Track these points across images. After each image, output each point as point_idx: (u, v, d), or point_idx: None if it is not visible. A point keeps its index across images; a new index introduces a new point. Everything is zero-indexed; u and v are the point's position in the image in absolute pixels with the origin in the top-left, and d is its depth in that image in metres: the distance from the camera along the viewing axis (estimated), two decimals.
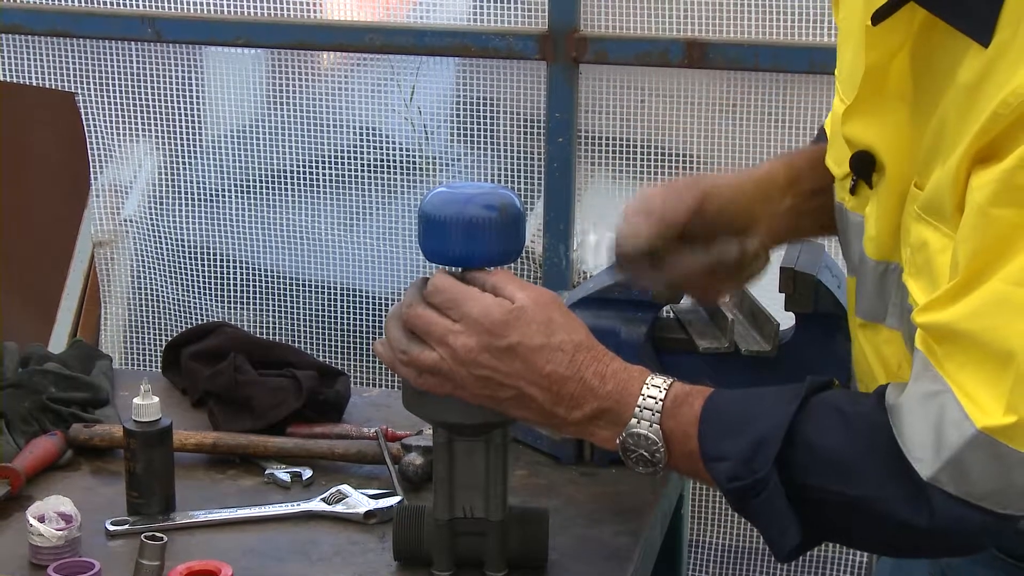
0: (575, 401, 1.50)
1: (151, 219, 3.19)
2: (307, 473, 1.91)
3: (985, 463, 1.32)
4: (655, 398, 1.49)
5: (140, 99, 3.11)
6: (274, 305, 3.17)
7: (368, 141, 3.04)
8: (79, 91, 3.12)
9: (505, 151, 2.97)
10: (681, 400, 1.49)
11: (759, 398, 1.48)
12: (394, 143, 3.03)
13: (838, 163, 1.56)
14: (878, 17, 1.38)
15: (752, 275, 1.75)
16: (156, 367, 2.98)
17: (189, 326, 3.02)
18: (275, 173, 3.11)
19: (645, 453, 1.49)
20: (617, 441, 1.50)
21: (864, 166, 1.48)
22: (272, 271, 3.16)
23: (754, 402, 1.48)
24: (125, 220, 3.21)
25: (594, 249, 2.96)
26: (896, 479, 1.37)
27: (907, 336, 1.47)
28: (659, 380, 1.50)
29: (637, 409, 1.48)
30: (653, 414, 1.48)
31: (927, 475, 1.35)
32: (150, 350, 3.26)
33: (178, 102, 3.11)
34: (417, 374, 1.54)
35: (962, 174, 1.31)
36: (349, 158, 3.05)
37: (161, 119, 3.13)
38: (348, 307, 3.14)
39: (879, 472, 1.39)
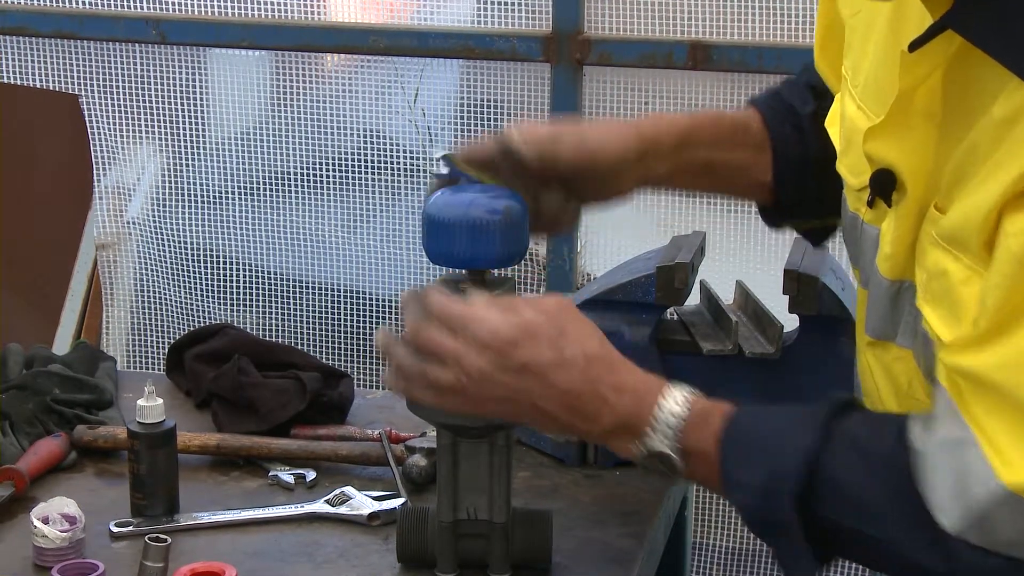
0: (593, 415, 1.49)
1: (155, 221, 3.19)
2: (311, 475, 1.91)
3: (1011, 518, 1.31)
4: (675, 415, 1.47)
5: (144, 101, 3.11)
6: (278, 307, 3.17)
7: (372, 143, 3.04)
8: (83, 93, 3.12)
9: None
10: (701, 418, 1.47)
11: (780, 423, 1.47)
12: (398, 145, 3.03)
13: (855, 173, 1.54)
14: (916, 44, 1.37)
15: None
16: (160, 369, 2.98)
17: (193, 328, 3.02)
18: (279, 175, 3.11)
19: (663, 467, 1.48)
20: (635, 453, 1.49)
21: (885, 185, 1.46)
22: (276, 273, 3.16)
23: (775, 427, 1.46)
24: (129, 222, 3.22)
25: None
26: (917, 526, 1.36)
27: (919, 355, 1.47)
28: (678, 395, 1.48)
29: (655, 423, 1.47)
30: (672, 432, 1.47)
31: (950, 526, 1.34)
32: (154, 352, 3.26)
33: (182, 104, 3.11)
34: (437, 394, 1.52)
35: (995, 213, 1.30)
36: (353, 160, 3.05)
37: (165, 121, 3.13)
38: (352, 309, 3.14)
39: (900, 517, 1.38)
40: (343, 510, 1.81)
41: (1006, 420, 1.30)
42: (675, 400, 1.48)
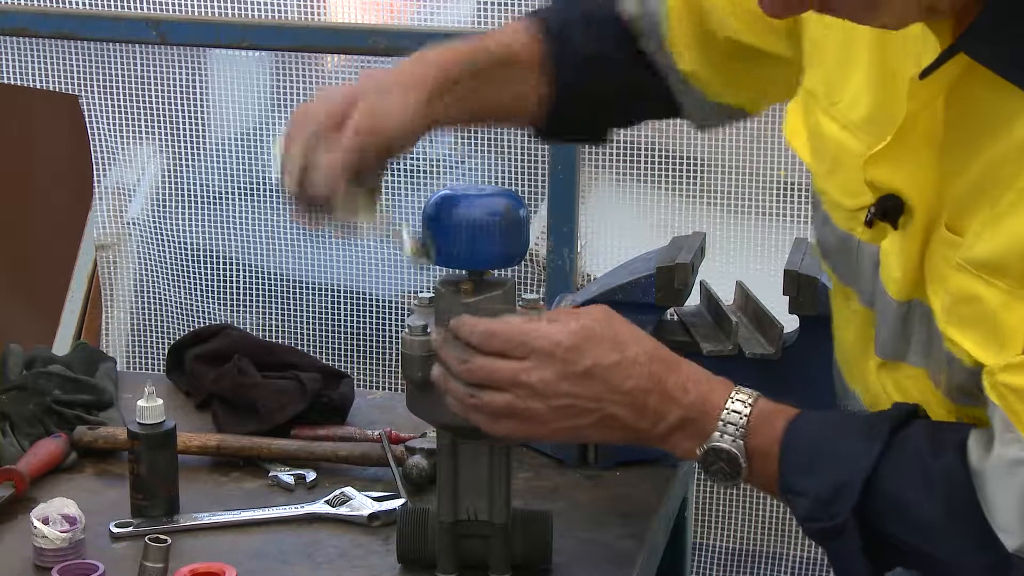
0: (658, 413, 1.49)
1: (155, 221, 3.19)
2: (311, 475, 1.91)
3: None
4: (740, 413, 1.47)
5: (144, 102, 3.11)
6: (278, 307, 3.17)
7: None
8: (83, 94, 3.12)
9: (509, 154, 2.97)
10: (765, 418, 1.47)
11: (842, 431, 1.46)
12: None
13: (850, 195, 1.53)
14: (928, 71, 1.36)
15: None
16: (160, 369, 2.98)
17: (193, 328, 3.02)
18: (280, 176, 3.11)
19: (726, 467, 1.48)
20: (698, 452, 1.48)
21: (894, 210, 1.45)
22: (276, 273, 3.16)
23: (837, 435, 1.46)
24: (129, 222, 3.22)
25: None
26: (978, 547, 1.36)
27: (936, 374, 1.46)
28: (743, 395, 1.49)
29: (720, 423, 1.47)
30: (737, 429, 1.47)
31: (1013, 547, 1.34)
32: (154, 352, 3.26)
33: (182, 104, 3.11)
34: (492, 420, 1.51)
35: None
36: None
37: (165, 121, 3.13)
38: (352, 309, 3.14)
39: (960, 537, 1.38)
40: (343, 511, 1.81)
41: None
42: (738, 398, 1.48)
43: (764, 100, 1.80)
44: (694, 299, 2.05)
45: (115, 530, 1.77)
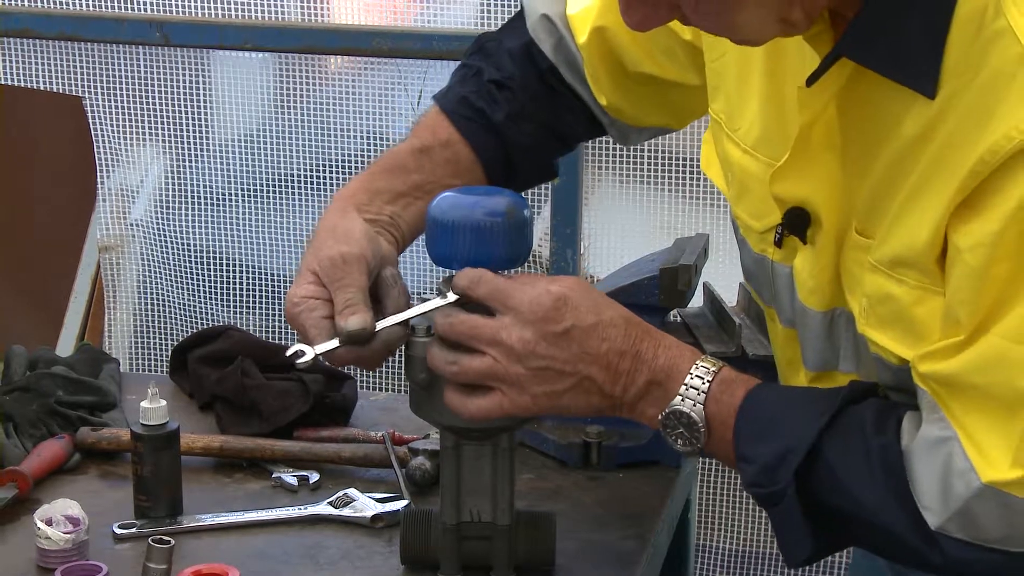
0: (630, 376, 1.50)
1: (158, 223, 3.19)
2: (314, 477, 1.91)
3: (993, 512, 1.34)
4: (702, 378, 1.49)
5: (148, 103, 3.12)
6: (281, 309, 3.17)
7: (375, 145, 3.04)
8: (87, 95, 3.12)
9: None
10: (727, 386, 1.49)
11: (795, 403, 1.49)
12: None
13: (757, 217, 1.56)
14: (813, 78, 1.39)
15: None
16: (163, 371, 2.98)
17: (196, 330, 3.02)
18: (282, 177, 3.11)
19: (685, 432, 1.49)
20: (659, 417, 1.50)
21: (799, 222, 1.48)
22: (279, 275, 3.16)
23: (790, 406, 1.49)
24: (132, 224, 3.22)
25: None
26: (910, 521, 1.39)
27: (868, 377, 1.49)
28: (709, 362, 1.51)
29: (683, 387, 1.49)
30: (699, 394, 1.49)
31: (935, 524, 1.37)
32: (157, 354, 3.26)
33: (186, 106, 3.11)
34: (471, 392, 1.52)
35: (941, 231, 1.34)
36: (356, 162, 3.05)
37: (169, 123, 3.13)
38: None
39: (894, 511, 1.40)
40: (346, 512, 1.81)
41: (985, 416, 1.34)
42: (702, 365, 1.50)
43: (689, 116, 1.84)
44: (697, 300, 2.05)
45: (118, 531, 1.77)
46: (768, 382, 1.54)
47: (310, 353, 1.55)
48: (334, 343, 1.55)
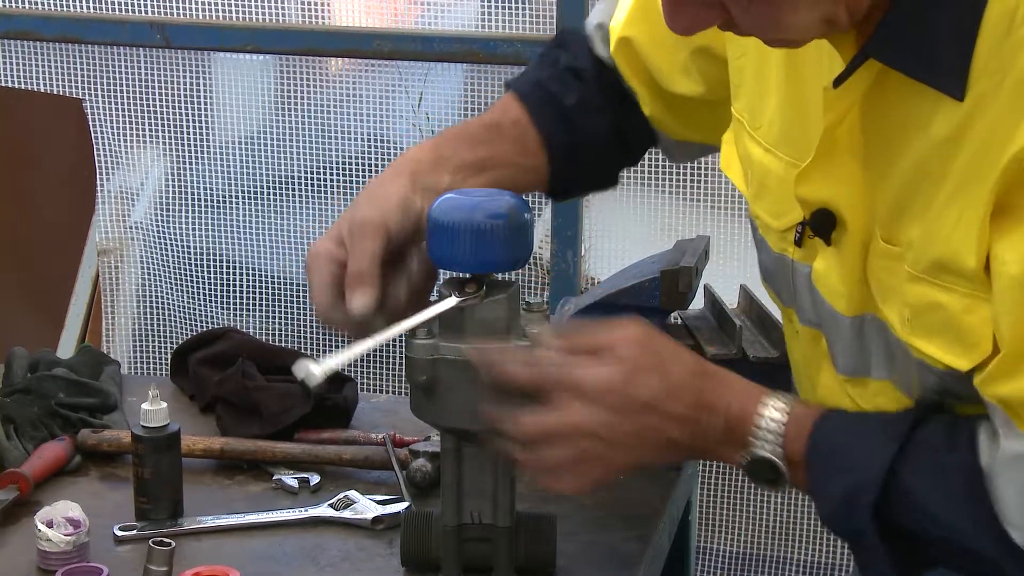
0: (708, 428, 1.49)
1: (159, 225, 3.20)
2: (315, 479, 1.91)
3: None
4: (775, 421, 1.48)
5: (148, 105, 3.12)
6: (282, 311, 3.17)
7: (376, 147, 3.04)
8: (87, 97, 3.12)
9: None
10: (800, 424, 1.48)
11: (863, 432, 1.47)
12: (402, 149, 3.03)
13: (777, 216, 1.55)
14: (840, 79, 1.38)
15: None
16: (164, 373, 2.98)
17: (197, 332, 3.02)
18: (283, 179, 3.12)
19: (770, 474, 1.48)
20: (741, 463, 1.49)
21: (826, 224, 1.47)
22: (279, 277, 3.17)
23: (858, 436, 1.47)
24: (133, 226, 3.22)
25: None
26: (995, 539, 1.38)
27: (905, 383, 1.48)
28: (780, 402, 1.49)
29: (759, 432, 1.48)
30: (775, 437, 1.47)
31: (1021, 541, 1.36)
32: (158, 356, 3.26)
33: (186, 108, 3.11)
34: (556, 476, 1.50)
35: (984, 238, 1.32)
36: (357, 164, 3.06)
37: (169, 125, 3.13)
38: None
39: (978, 530, 1.39)
40: (347, 514, 1.81)
41: None
42: (775, 406, 1.49)
43: (721, 134, 1.82)
44: (698, 302, 2.05)
45: (119, 533, 1.77)
46: (832, 409, 1.52)
47: (317, 374, 1.53)
48: (338, 362, 1.54)
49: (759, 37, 1.40)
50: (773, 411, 1.48)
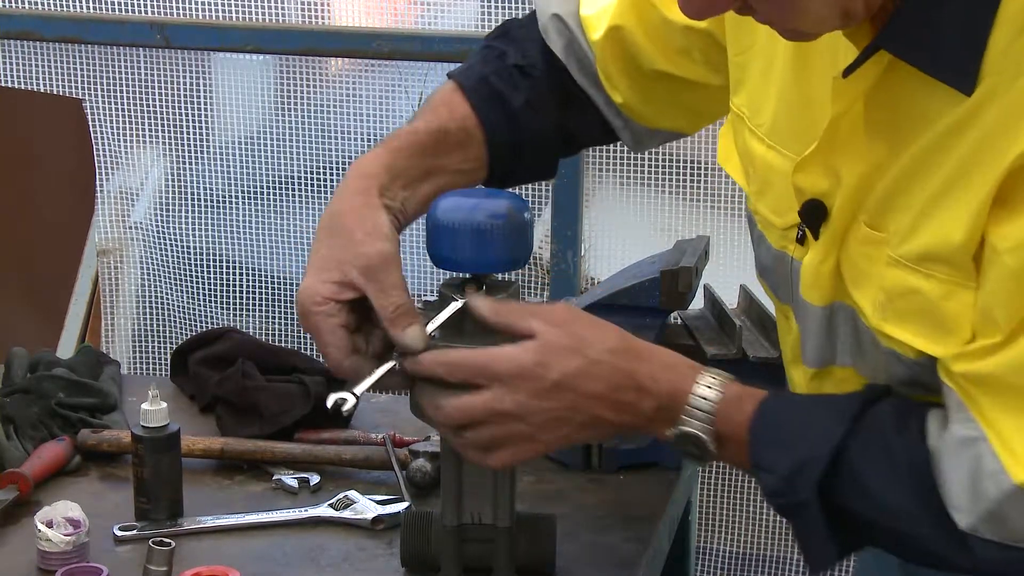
0: (636, 405, 1.50)
1: (159, 225, 3.19)
2: (315, 479, 1.91)
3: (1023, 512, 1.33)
4: (708, 399, 1.49)
5: (148, 105, 3.11)
6: (282, 311, 3.17)
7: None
8: (87, 97, 3.12)
9: None
10: (734, 402, 1.49)
11: (812, 410, 1.48)
12: None
13: (779, 213, 1.55)
14: (850, 69, 1.38)
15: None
16: (164, 373, 2.98)
17: (197, 332, 3.02)
18: (283, 179, 3.11)
19: (695, 450, 1.50)
20: (669, 434, 1.50)
21: (815, 215, 1.48)
22: (280, 277, 3.16)
23: (807, 413, 1.48)
24: (133, 226, 3.22)
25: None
26: (939, 523, 1.38)
27: (873, 370, 1.48)
28: (710, 379, 1.50)
29: (689, 408, 1.49)
30: (706, 415, 1.48)
31: (965, 525, 1.36)
32: (158, 356, 3.26)
33: (186, 108, 3.11)
34: (485, 453, 1.52)
35: (978, 229, 1.32)
36: None
37: (169, 125, 3.13)
38: None
39: (921, 513, 1.40)
40: (347, 514, 1.81)
41: (1017, 419, 1.32)
42: (708, 384, 1.50)
43: (700, 120, 1.83)
44: (698, 303, 2.05)
45: (119, 533, 1.77)
46: (777, 390, 1.54)
47: (351, 400, 1.52)
48: (375, 377, 1.52)
49: (776, 24, 1.39)
50: (705, 389, 1.49)
